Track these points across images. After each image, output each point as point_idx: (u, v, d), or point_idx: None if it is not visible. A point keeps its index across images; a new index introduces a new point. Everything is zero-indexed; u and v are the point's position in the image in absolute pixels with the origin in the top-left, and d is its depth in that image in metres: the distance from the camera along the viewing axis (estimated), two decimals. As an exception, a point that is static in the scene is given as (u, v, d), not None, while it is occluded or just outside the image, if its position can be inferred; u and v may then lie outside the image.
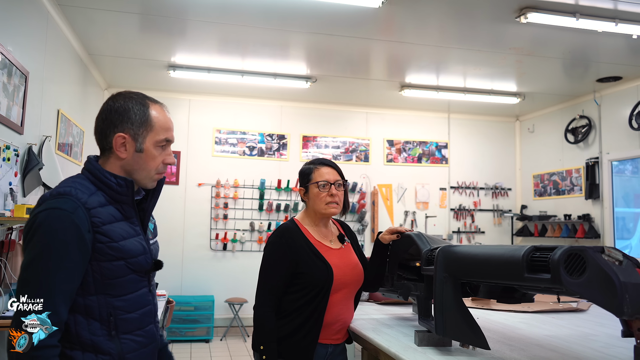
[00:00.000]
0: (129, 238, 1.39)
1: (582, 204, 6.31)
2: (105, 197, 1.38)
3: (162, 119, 1.45)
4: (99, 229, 1.32)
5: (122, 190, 1.39)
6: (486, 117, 7.49)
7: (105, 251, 1.33)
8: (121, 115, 1.40)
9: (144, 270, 1.43)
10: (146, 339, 1.43)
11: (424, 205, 7.15)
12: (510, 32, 4.43)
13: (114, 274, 1.35)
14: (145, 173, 1.44)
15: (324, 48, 4.99)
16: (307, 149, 6.88)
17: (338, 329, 2.01)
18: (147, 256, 1.43)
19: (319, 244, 2.03)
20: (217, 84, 6.03)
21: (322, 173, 2.05)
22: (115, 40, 4.88)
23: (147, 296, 1.45)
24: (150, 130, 1.42)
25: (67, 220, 1.28)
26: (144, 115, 1.42)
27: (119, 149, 1.40)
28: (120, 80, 6.12)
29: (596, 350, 1.70)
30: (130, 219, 1.43)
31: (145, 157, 1.42)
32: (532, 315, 2.35)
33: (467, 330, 1.55)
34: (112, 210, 1.38)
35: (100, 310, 1.34)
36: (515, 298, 1.61)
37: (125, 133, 1.40)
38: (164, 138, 1.44)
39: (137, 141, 1.41)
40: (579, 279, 1.16)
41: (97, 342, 1.33)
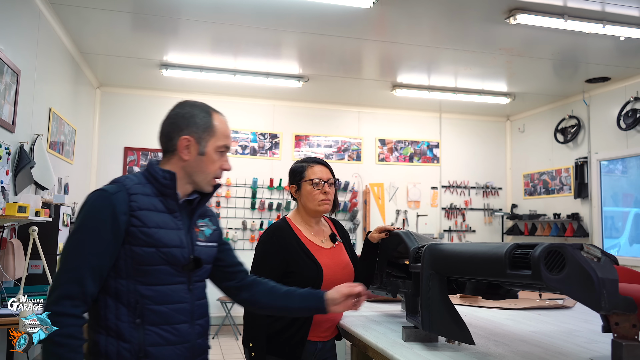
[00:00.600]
0: (165, 228, 1.43)
1: (571, 203, 6.38)
2: (153, 189, 1.46)
3: (223, 126, 1.54)
4: (134, 213, 1.39)
5: (166, 183, 1.46)
6: (477, 117, 7.56)
7: (137, 235, 1.38)
8: (187, 120, 1.50)
9: (179, 264, 1.44)
10: (175, 336, 1.42)
11: (416, 204, 7.20)
12: (500, 33, 4.48)
13: (145, 260, 1.39)
14: (204, 176, 1.52)
15: (316, 48, 5.02)
16: (299, 147, 6.91)
17: (327, 326, 2.04)
18: (183, 250, 1.45)
19: (310, 243, 2.04)
20: (210, 83, 6.04)
21: (315, 171, 2.07)
22: (107, 39, 4.89)
23: (182, 293, 1.45)
24: (212, 135, 1.51)
25: (107, 200, 1.37)
26: (208, 121, 1.51)
27: (182, 151, 1.49)
28: (112, 79, 6.12)
29: (578, 345, 1.74)
30: (173, 213, 1.47)
31: (206, 160, 1.51)
32: (518, 312, 2.40)
33: (453, 326, 1.58)
34: (155, 201, 1.45)
35: (128, 296, 1.38)
36: (500, 294, 1.65)
37: (190, 136, 1.49)
38: (223, 144, 1.53)
39: (200, 144, 1.50)
40: (558, 275, 1.19)
41: (121, 328, 1.36)
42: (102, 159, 6.33)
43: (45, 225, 3.46)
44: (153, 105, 6.48)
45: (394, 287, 2.14)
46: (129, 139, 6.42)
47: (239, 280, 1.69)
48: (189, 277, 1.47)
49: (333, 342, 2.13)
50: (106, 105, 6.38)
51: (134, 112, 6.45)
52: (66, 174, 4.86)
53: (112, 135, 6.37)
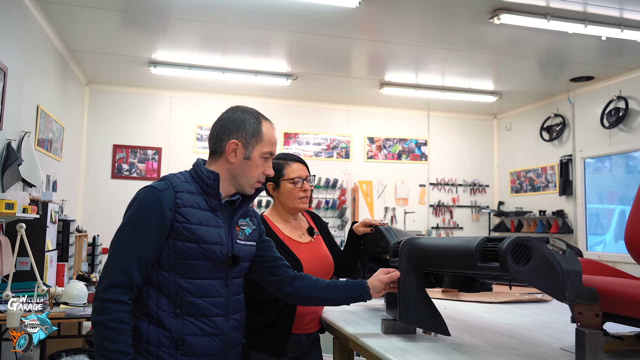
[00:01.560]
0: (206, 225, 1.51)
1: (556, 200, 6.48)
2: (197, 188, 1.54)
3: (270, 134, 1.62)
4: (179, 209, 1.47)
5: (210, 183, 1.53)
6: (465, 115, 7.63)
7: (180, 230, 1.46)
8: (238, 124, 1.58)
9: (218, 260, 1.51)
10: (211, 328, 1.50)
11: (404, 201, 7.27)
12: (485, 32, 4.55)
13: (186, 254, 1.47)
14: (248, 179, 1.59)
15: (305, 46, 5.06)
16: (288, 145, 6.95)
17: (310, 318, 2.07)
18: (223, 247, 1.52)
19: (288, 239, 2.07)
20: (198, 80, 6.06)
21: (294, 169, 2.09)
22: (96, 37, 4.89)
23: (219, 287, 1.53)
24: (259, 141, 1.59)
25: (155, 196, 1.47)
26: (257, 128, 1.59)
27: (230, 154, 1.57)
28: (101, 76, 6.12)
29: (550, 336, 1.80)
30: (216, 211, 1.55)
31: (251, 164, 1.58)
32: (497, 306, 2.46)
33: (429, 317, 1.64)
34: (199, 199, 1.53)
35: (169, 287, 1.47)
36: (475, 287, 1.70)
37: (239, 140, 1.57)
38: (269, 151, 1.61)
39: (247, 149, 1.57)
40: (524, 267, 1.25)
41: (162, 317, 1.46)
42: (91, 156, 6.33)
43: (33, 222, 3.48)
44: (142, 103, 6.49)
45: (376, 281, 2.19)
46: (118, 136, 6.42)
47: (281, 274, 1.75)
48: (227, 273, 1.55)
49: (317, 335, 2.16)
50: (95, 103, 6.37)
51: (122, 109, 6.45)
52: (54, 172, 4.86)
53: (101, 133, 6.37)
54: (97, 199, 6.25)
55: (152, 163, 6.50)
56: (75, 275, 4.17)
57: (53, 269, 3.74)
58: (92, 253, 5.31)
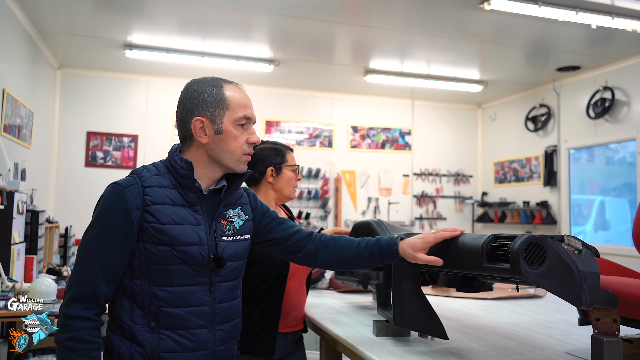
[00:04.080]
0: (181, 224, 1.32)
1: (541, 191, 6.44)
2: (171, 180, 1.36)
3: (237, 96, 1.40)
4: (148, 208, 1.30)
5: (184, 174, 1.34)
6: (449, 105, 7.54)
7: (150, 232, 1.29)
8: (195, 99, 1.38)
9: (197, 264, 1.32)
10: (191, 342, 1.31)
11: (387, 191, 7.16)
12: (473, 18, 4.42)
13: (159, 259, 1.30)
14: (231, 155, 1.38)
15: (288, 30, 4.88)
16: (270, 134, 6.77)
17: (295, 316, 1.97)
18: (202, 248, 1.33)
19: None
20: (177, 65, 5.82)
21: (293, 157, 2.06)
22: (67, 17, 4.63)
23: (201, 295, 1.34)
24: (226, 109, 1.37)
25: (119, 195, 1.29)
26: (219, 94, 1.38)
27: (199, 135, 1.37)
28: (73, 59, 5.85)
29: (553, 337, 1.70)
30: (193, 206, 1.36)
31: (226, 137, 1.37)
32: (490, 303, 2.35)
33: (426, 320, 1.51)
34: (172, 193, 1.34)
35: (143, 297, 1.30)
36: (474, 287, 1.58)
37: (202, 116, 1.36)
38: (242, 115, 1.39)
39: (215, 122, 1.36)
40: (538, 269, 1.12)
41: (135, 331, 1.29)
42: (64, 143, 6.06)
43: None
44: (117, 88, 6.23)
45: (365, 278, 2.07)
46: (92, 122, 6.16)
47: (304, 247, 1.54)
48: (211, 277, 1.35)
49: (301, 334, 2.06)
50: (67, 87, 6.09)
51: (96, 94, 6.18)
52: (23, 159, 4.62)
53: (74, 119, 6.10)
54: (70, 188, 6.00)
55: (128, 151, 6.26)
56: (46, 268, 3.96)
57: (21, 263, 3.53)
58: (64, 245, 5.07)
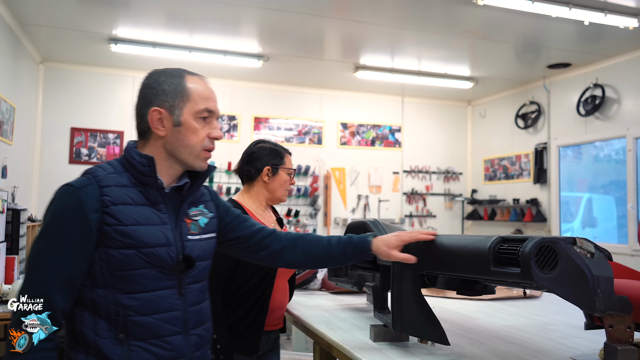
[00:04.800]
0: (145, 224, 1.22)
1: (530, 189, 6.43)
2: (130, 178, 1.26)
3: (199, 88, 1.31)
4: (107, 209, 1.19)
5: (144, 170, 1.25)
6: (439, 101, 7.50)
7: (112, 235, 1.18)
8: (154, 89, 1.28)
9: (166, 266, 1.23)
10: (167, 350, 1.22)
11: (377, 189, 7.11)
12: (466, 14, 4.37)
13: (124, 264, 1.19)
14: (189, 150, 1.29)
15: (277, 25, 4.78)
16: (258, 130, 6.67)
17: (278, 314, 1.98)
18: (170, 249, 1.24)
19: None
20: (163, 60, 5.69)
21: (290, 161, 2.07)
22: (50, 9, 4.49)
23: (172, 299, 1.24)
24: (187, 100, 1.28)
25: (73, 197, 1.18)
26: (179, 85, 1.28)
27: (156, 126, 1.27)
28: (56, 53, 5.69)
29: (555, 341, 1.65)
30: (157, 205, 1.26)
31: (186, 131, 1.28)
32: (487, 304, 2.30)
33: (426, 325, 1.45)
34: (133, 192, 1.24)
35: (107, 307, 1.18)
36: (476, 290, 1.52)
37: (160, 107, 1.27)
38: (204, 108, 1.30)
39: (173, 114, 1.27)
40: (550, 274, 1.06)
41: (101, 345, 1.17)
42: (47, 140, 5.91)
43: (-23, 212, 3.14)
44: (102, 83, 6.09)
45: (361, 280, 2.00)
46: (76, 118, 6.01)
47: (268, 245, 1.49)
48: (180, 279, 1.27)
49: (279, 333, 2.08)
50: (50, 82, 5.94)
51: (81, 90, 6.04)
52: (4, 156, 4.48)
53: (58, 115, 5.95)
54: (53, 185, 5.75)
55: (113, 147, 6.12)
56: (27, 268, 3.83)
57: (1, 263, 3.41)
58: (47, 243, 4.95)
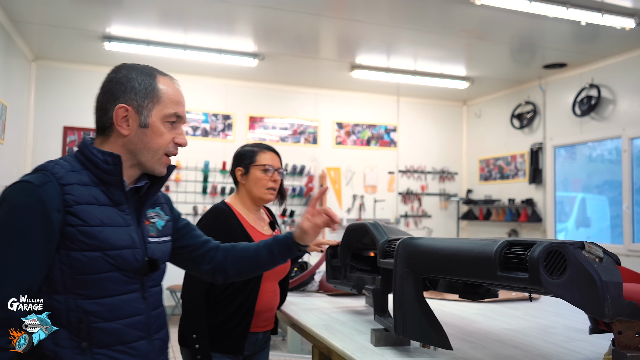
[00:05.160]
0: (111, 225, 1.16)
1: (526, 189, 6.43)
2: (90, 177, 1.18)
3: (171, 91, 1.27)
4: (70, 209, 1.11)
5: (108, 169, 1.18)
6: (434, 101, 7.49)
7: (76, 237, 1.11)
8: (123, 85, 1.22)
9: (131, 269, 1.19)
10: (132, 357, 1.18)
11: (372, 189, 7.09)
12: (462, 13, 4.36)
13: (88, 268, 1.12)
14: (152, 153, 1.24)
15: (272, 23, 4.75)
16: (253, 129, 6.64)
17: (267, 316, 1.98)
18: (136, 251, 1.20)
19: (253, 229, 1.98)
20: (158, 58, 5.64)
21: (267, 157, 2.02)
22: (42, 7, 4.44)
23: (136, 303, 1.21)
24: (157, 102, 1.23)
25: (32, 195, 1.08)
26: (151, 85, 1.23)
27: (120, 124, 1.21)
28: (49, 51, 5.63)
29: (558, 345, 1.63)
30: (120, 205, 1.21)
31: (151, 133, 1.23)
32: (487, 306, 2.28)
33: (429, 329, 1.42)
34: (96, 192, 1.17)
35: (68, 314, 1.12)
36: (479, 294, 1.50)
37: (128, 104, 1.21)
38: (173, 113, 1.26)
39: (141, 114, 1.22)
40: (559, 279, 1.04)
41: (61, 356, 1.10)
42: (39, 139, 5.84)
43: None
44: (95, 82, 5.88)
45: (360, 282, 1.97)
46: (69, 117, 5.95)
47: (213, 257, 1.50)
48: (143, 282, 1.23)
49: (270, 334, 2.08)
50: (42, 81, 5.87)
51: (74, 88, 5.97)
52: (-4, 155, 4.42)
53: (50, 114, 5.88)
54: (46, 184, 5.78)
55: (107, 147, 6.06)
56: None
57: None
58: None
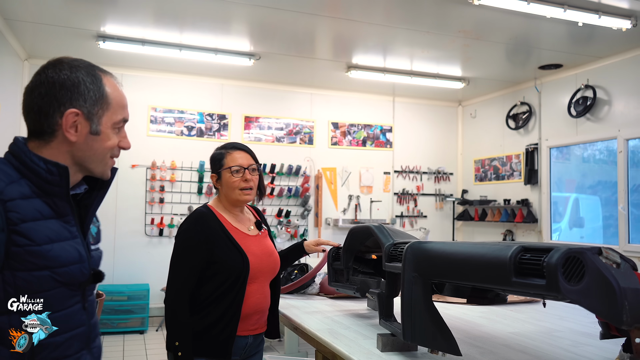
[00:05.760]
0: (58, 241, 1.09)
1: (521, 189, 6.44)
2: (30, 187, 1.08)
3: (117, 94, 1.19)
4: (16, 228, 1.02)
5: (53, 180, 1.09)
6: (430, 102, 7.48)
7: (24, 257, 1.03)
8: (69, 90, 1.12)
9: (77, 283, 1.13)
10: None
11: (368, 189, 7.07)
12: (460, 14, 4.34)
13: (34, 287, 1.05)
14: (100, 158, 1.18)
15: (268, 23, 4.71)
16: (249, 129, 6.59)
17: (256, 319, 1.91)
18: (83, 265, 1.14)
19: (236, 231, 1.92)
20: (153, 58, 5.60)
21: (234, 158, 1.94)
22: (35, 5, 4.36)
23: (79, 315, 1.16)
24: (107, 109, 1.16)
25: None
26: (99, 89, 1.15)
27: (68, 131, 1.12)
28: (42, 50, 5.55)
29: (564, 349, 1.61)
30: (65, 217, 1.13)
31: (101, 140, 1.17)
32: (490, 309, 2.27)
33: (437, 335, 1.40)
34: (38, 204, 1.08)
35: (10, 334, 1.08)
36: (488, 299, 1.48)
37: (79, 109, 1.12)
38: (121, 118, 1.20)
39: (92, 121, 1.14)
40: (577, 286, 1.02)
41: None
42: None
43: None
44: (89, 81, 5.95)
45: (364, 286, 1.95)
46: (62, 117, 5.87)
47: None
48: (84, 293, 1.18)
49: (263, 337, 2.01)
50: (36, 80, 5.79)
51: (67, 87, 5.90)
52: (-12, 155, 4.35)
53: (43, 113, 5.80)
54: (39, 185, 5.71)
55: (100, 147, 6.00)
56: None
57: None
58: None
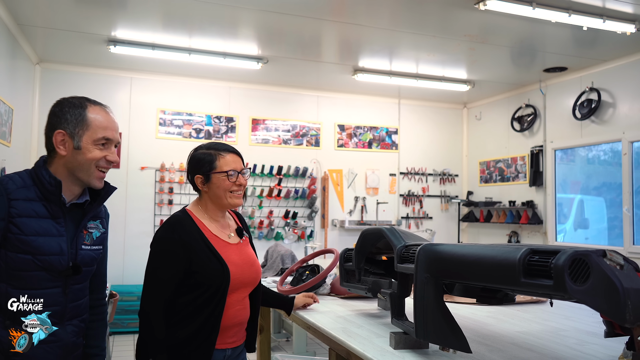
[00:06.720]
0: (44, 235, 1.47)
1: (526, 191, 6.49)
2: (37, 192, 1.49)
3: (99, 118, 1.56)
4: (12, 220, 1.43)
5: (51, 190, 1.49)
6: (435, 104, 7.54)
7: (13, 242, 1.43)
8: (58, 117, 1.54)
9: (56, 271, 1.49)
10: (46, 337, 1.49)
11: (374, 190, 7.13)
12: (465, 18, 4.40)
13: (19, 266, 1.44)
14: (85, 169, 1.54)
15: (276, 27, 4.78)
16: (256, 131, 6.67)
17: (235, 331, 1.84)
18: (63, 258, 1.50)
19: (216, 239, 1.82)
20: (162, 61, 5.68)
21: (228, 161, 1.86)
22: (48, 10, 4.45)
23: (57, 297, 1.51)
24: (86, 129, 1.53)
25: None
26: (80, 115, 1.54)
27: (58, 146, 1.52)
28: (54, 54, 5.65)
29: (571, 347, 1.67)
30: (57, 218, 1.51)
31: (83, 153, 1.53)
32: (497, 309, 2.33)
33: (448, 333, 1.47)
34: (37, 206, 1.48)
35: (0, 299, 1.45)
36: (497, 299, 1.54)
37: (64, 129, 1.52)
38: (101, 137, 1.55)
39: (74, 139, 1.52)
40: (582, 286, 1.08)
41: None
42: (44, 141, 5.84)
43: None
44: (100, 85, 6.05)
45: (375, 286, 2.01)
46: (73, 120, 5.96)
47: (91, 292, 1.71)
48: (66, 281, 1.53)
49: (243, 347, 1.92)
50: (47, 83, 5.89)
51: (78, 91, 5.91)
52: (3, 157, 4.44)
53: (54, 116, 5.89)
54: (50, 187, 5.79)
55: (110, 149, 6.08)
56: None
57: None
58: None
